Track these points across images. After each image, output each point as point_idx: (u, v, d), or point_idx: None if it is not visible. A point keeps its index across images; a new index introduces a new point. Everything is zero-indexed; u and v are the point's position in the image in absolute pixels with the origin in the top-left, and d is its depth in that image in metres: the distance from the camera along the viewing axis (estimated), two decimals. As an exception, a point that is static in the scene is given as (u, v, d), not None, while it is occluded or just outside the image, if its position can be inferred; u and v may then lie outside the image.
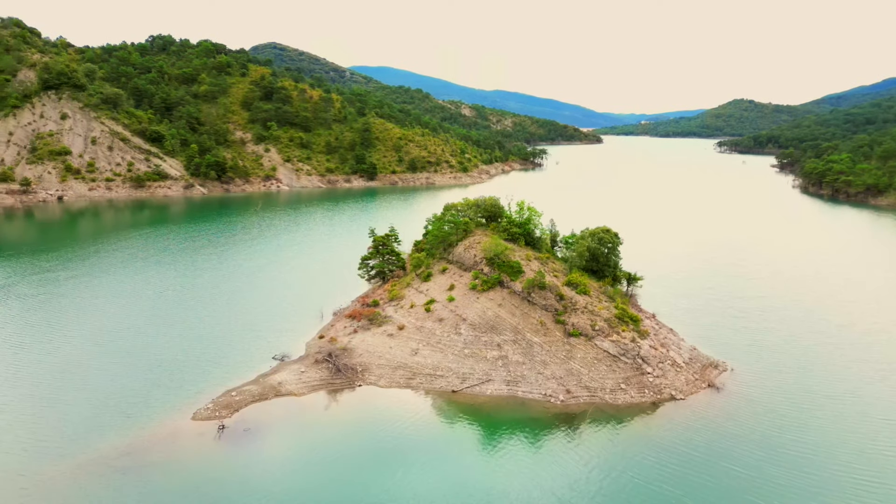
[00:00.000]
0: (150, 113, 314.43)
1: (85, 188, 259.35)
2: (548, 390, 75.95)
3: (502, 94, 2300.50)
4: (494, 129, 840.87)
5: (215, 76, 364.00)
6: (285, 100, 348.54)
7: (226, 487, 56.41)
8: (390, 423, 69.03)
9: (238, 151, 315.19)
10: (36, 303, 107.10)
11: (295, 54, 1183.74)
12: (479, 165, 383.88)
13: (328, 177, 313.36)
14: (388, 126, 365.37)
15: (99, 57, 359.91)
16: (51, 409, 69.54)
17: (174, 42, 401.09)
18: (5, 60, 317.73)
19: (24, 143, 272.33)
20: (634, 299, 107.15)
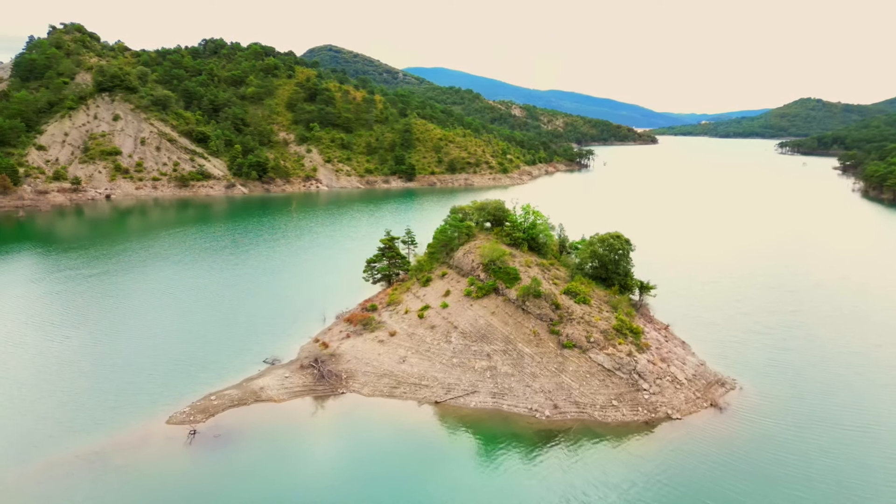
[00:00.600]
0: (199, 114, 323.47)
1: (132, 187, 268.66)
2: (534, 405, 72.48)
3: (557, 94, 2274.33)
4: (545, 129, 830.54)
5: (262, 78, 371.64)
6: (328, 101, 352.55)
7: (184, 494, 55.70)
8: (365, 435, 67.09)
9: (281, 152, 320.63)
10: (47, 301, 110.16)
11: (350, 56, 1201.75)
12: (520, 166, 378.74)
13: (367, 177, 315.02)
14: (430, 127, 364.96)
15: (153, 60, 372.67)
16: (30, 409, 70.25)
17: (225, 45, 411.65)
18: (65, 64, 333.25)
19: (77, 143, 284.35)
20: (646, 309, 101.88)
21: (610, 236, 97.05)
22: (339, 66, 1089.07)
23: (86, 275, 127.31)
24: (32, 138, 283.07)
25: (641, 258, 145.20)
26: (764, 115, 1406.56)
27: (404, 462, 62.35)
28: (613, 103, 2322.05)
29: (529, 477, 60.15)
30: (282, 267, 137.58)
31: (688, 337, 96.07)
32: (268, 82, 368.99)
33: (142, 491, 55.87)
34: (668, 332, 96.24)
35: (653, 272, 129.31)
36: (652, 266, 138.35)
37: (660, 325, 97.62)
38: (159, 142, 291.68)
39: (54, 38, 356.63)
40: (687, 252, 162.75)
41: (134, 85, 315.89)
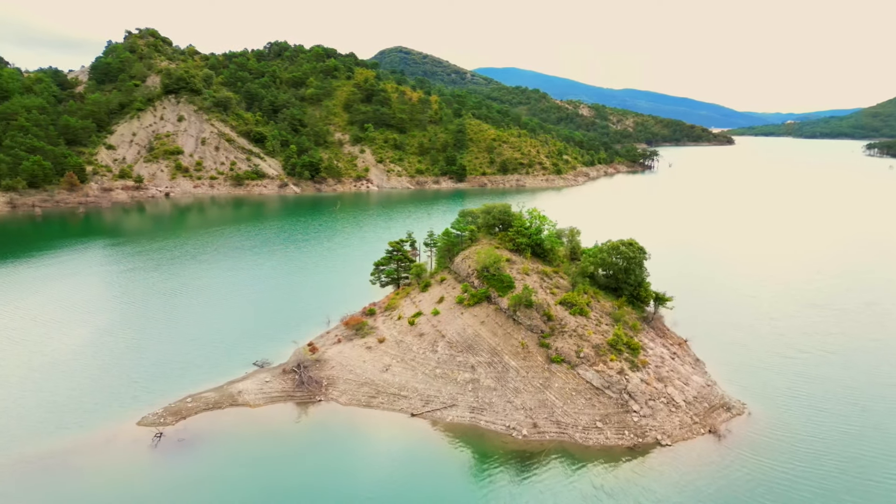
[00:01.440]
0: (259, 115, 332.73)
1: (190, 185, 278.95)
2: (513, 422, 68.60)
3: (631, 93, 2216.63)
4: (613, 129, 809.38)
5: (322, 79, 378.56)
6: (384, 102, 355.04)
7: (129, 498, 55.52)
8: (330, 447, 65.03)
9: (335, 152, 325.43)
10: (65, 295, 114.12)
11: (419, 58, 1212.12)
12: (577, 167, 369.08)
13: (417, 178, 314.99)
14: (484, 127, 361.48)
15: (220, 63, 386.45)
16: (10, 408, 71.56)
17: (289, 48, 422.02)
18: (137, 67, 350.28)
19: (143, 143, 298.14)
20: (661, 322, 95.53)
21: (621, 243, 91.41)
22: (407, 67, 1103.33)
23: (114, 271, 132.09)
24: (103, 138, 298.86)
25: (681, 267, 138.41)
26: (855, 114, 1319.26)
27: (364, 477, 59.96)
28: (692, 102, 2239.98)
29: (491, 499, 56.64)
30: (303, 267, 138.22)
31: (707, 355, 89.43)
32: (327, 84, 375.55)
33: (87, 492, 56.01)
34: (684, 348, 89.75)
35: (690, 283, 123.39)
36: (690, 276, 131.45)
37: (675, 340, 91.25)
38: (218, 142, 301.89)
39: (129, 43, 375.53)
40: (733, 261, 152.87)
41: (198, 87, 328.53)
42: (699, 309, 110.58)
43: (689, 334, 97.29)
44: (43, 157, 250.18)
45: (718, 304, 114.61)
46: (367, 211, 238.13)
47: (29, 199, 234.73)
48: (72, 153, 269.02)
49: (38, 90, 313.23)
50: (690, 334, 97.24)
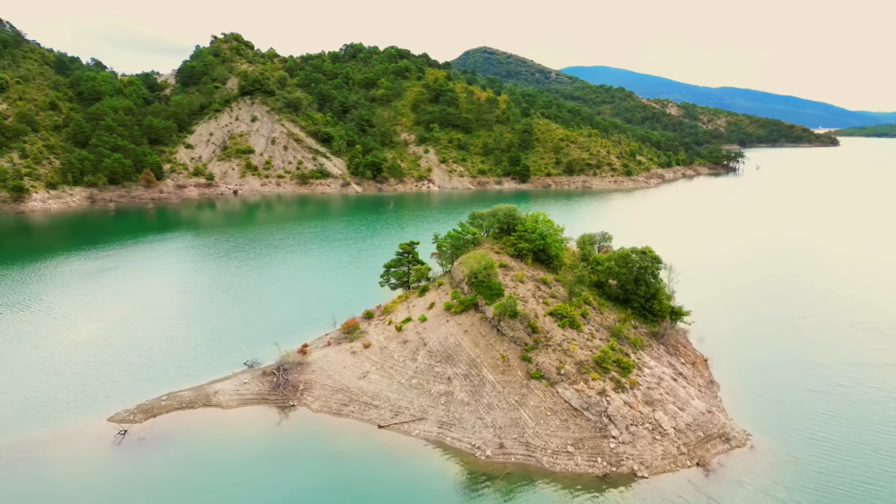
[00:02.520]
0: (329, 115, 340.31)
1: (258, 183, 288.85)
2: (479, 441, 64.35)
3: (730, 91, 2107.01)
4: (703, 129, 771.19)
5: (393, 80, 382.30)
6: (451, 102, 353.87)
7: (74, 492, 56.00)
8: (286, 455, 63.01)
9: (400, 152, 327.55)
10: (85, 285, 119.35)
11: (503, 57, 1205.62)
12: (650, 169, 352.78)
13: (479, 178, 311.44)
14: (552, 126, 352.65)
15: (297, 65, 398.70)
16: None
17: (363, 49, 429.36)
18: (219, 70, 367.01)
19: (219, 142, 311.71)
20: (679, 336, 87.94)
21: (633, 251, 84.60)
22: (491, 67, 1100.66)
23: (142, 266, 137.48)
24: (183, 137, 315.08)
25: (731, 279, 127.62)
26: None
27: (307, 489, 57.84)
28: (796, 101, 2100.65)
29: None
30: (329, 267, 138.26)
31: (727, 377, 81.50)
32: (397, 84, 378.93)
33: (35, 484, 56.86)
34: (698, 367, 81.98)
35: (738, 296, 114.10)
36: (740, 289, 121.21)
37: (691, 359, 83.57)
38: (287, 141, 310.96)
39: (214, 47, 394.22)
40: (796, 273, 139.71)
41: (272, 88, 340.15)
42: (738, 325, 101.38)
43: (716, 353, 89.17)
44: (124, 155, 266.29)
45: (761, 321, 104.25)
46: (419, 211, 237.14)
47: (107, 195, 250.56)
48: (152, 152, 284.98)
49: (128, 92, 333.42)
50: (717, 353, 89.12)
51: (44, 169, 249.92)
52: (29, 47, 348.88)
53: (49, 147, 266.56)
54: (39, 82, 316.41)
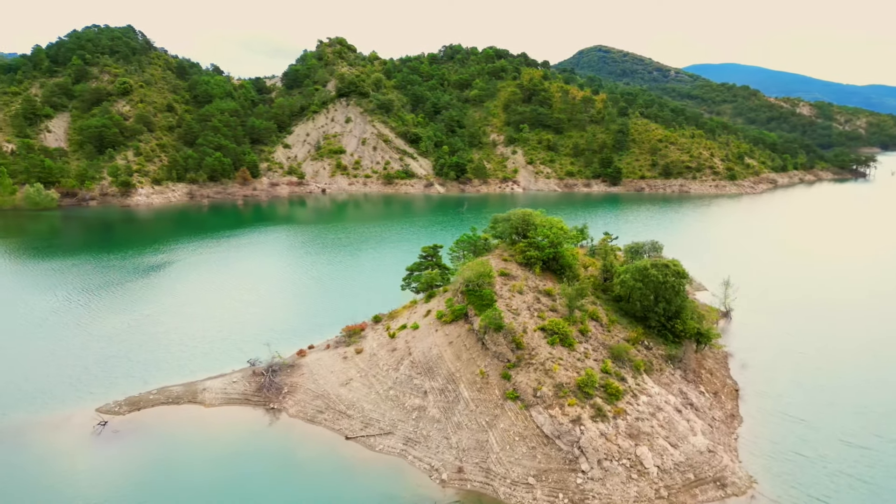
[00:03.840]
0: (421, 116, 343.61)
1: (346, 182, 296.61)
2: (439, 462, 60.07)
3: (878, 90, 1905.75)
4: (838, 130, 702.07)
5: (487, 81, 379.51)
6: (543, 102, 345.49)
7: (36, 480, 57.95)
8: (249, 461, 61.83)
9: (488, 153, 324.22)
10: (135, 279, 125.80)
11: (619, 56, 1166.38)
12: (760, 173, 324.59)
13: (566, 180, 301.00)
14: (651, 127, 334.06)
15: (396, 67, 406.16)
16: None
17: (461, 50, 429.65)
18: (320, 73, 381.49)
19: (313, 142, 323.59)
20: (723, 360, 78.36)
21: (652, 264, 76.17)
22: (605, 66, 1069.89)
23: (197, 262, 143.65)
24: (282, 138, 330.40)
25: (818, 304, 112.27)
26: None
27: (261, 495, 56.29)
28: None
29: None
30: (372, 266, 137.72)
31: (757, 415, 71.16)
32: (491, 85, 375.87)
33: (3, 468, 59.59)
34: (722, 399, 72.56)
35: (816, 321, 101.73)
36: (821, 314, 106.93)
37: (715, 388, 74.14)
38: (376, 142, 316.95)
39: (319, 51, 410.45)
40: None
41: (366, 90, 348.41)
42: (796, 354, 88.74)
43: (755, 384, 78.71)
44: (224, 154, 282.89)
45: (825, 353, 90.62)
46: (493, 213, 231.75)
47: (206, 191, 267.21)
48: (250, 151, 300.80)
49: (237, 95, 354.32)
50: (757, 384, 78.65)
51: (153, 166, 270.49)
52: (155, 54, 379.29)
53: (161, 146, 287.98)
54: (160, 86, 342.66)
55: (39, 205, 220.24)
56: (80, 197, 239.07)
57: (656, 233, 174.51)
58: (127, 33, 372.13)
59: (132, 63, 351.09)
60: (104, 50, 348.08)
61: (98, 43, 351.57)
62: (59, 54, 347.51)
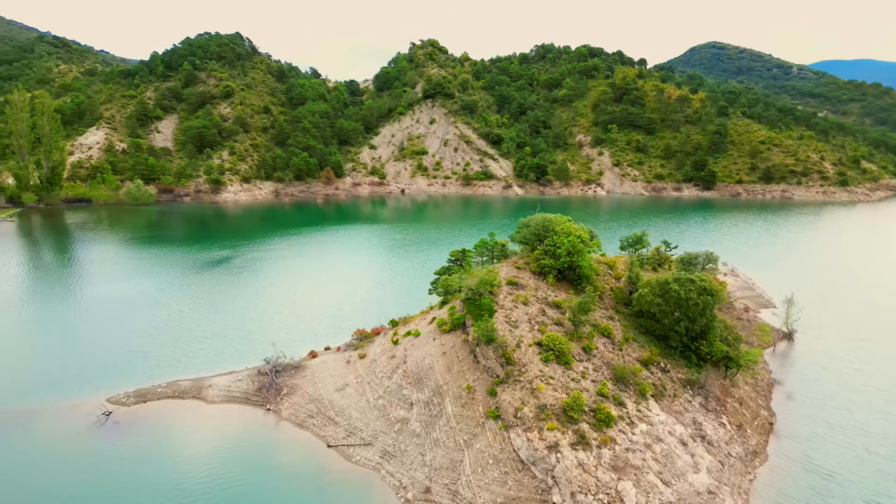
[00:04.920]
0: (506, 117, 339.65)
1: (425, 183, 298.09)
2: (409, 479, 57.07)
3: None
4: None
5: (577, 80, 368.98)
6: (635, 101, 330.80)
7: (27, 466, 60.66)
8: (227, 461, 61.62)
9: (573, 154, 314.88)
10: (189, 274, 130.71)
11: (734, 53, 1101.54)
12: (880, 178, 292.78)
13: (654, 184, 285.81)
14: (753, 128, 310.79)
15: (485, 68, 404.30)
16: (25, 363, 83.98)
17: (552, 49, 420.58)
18: (409, 75, 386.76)
19: (398, 143, 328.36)
20: (765, 388, 69.87)
21: (675, 279, 68.96)
22: (719, 63, 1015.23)
23: (256, 258, 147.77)
24: (369, 139, 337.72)
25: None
26: None
27: (228, 497, 55.95)
28: None
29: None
30: (414, 268, 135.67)
31: (789, 454, 62.59)
32: (581, 84, 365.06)
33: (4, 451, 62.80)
34: (747, 433, 64.56)
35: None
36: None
37: (741, 420, 66.11)
38: (458, 143, 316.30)
39: (410, 53, 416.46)
40: None
41: (452, 91, 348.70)
42: (861, 387, 77.74)
43: (800, 419, 69.47)
44: (311, 154, 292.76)
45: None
46: (575, 217, 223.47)
47: (290, 189, 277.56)
48: (337, 151, 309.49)
49: (330, 98, 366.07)
50: (801, 419, 69.38)
51: (245, 165, 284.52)
52: (259, 59, 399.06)
53: (254, 146, 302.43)
54: (260, 89, 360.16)
55: (139, 200, 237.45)
56: (176, 193, 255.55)
57: (740, 242, 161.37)
58: (234, 39, 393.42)
59: (236, 68, 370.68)
60: (212, 56, 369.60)
61: (207, 49, 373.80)
62: (173, 60, 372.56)
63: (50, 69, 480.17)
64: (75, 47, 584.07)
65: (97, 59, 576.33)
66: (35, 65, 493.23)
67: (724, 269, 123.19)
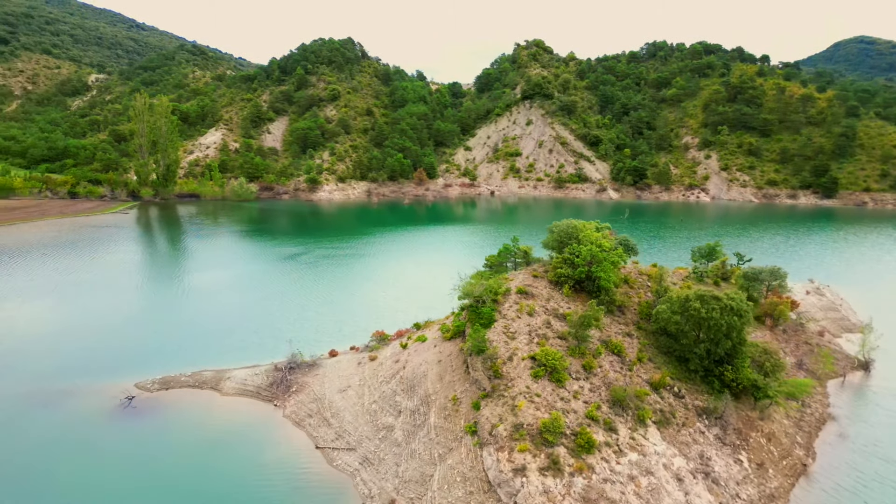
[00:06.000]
0: (608, 118, 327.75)
1: (516, 185, 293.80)
2: (378, 490, 55.45)
3: None
4: None
5: (688, 79, 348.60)
6: (750, 101, 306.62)
7: (42, 445, 65.43)
8: (216, 454, 62.87)
9: (677, 157, 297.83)
10: (254, 267, 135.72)
11: (885, 47, 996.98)
12: None
13: (766, 190, 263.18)
14: (888, 130, 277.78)
15: (591, 68, 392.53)
16: (72, 345, 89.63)
17: (664, 47, 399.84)
18: (511, 76, 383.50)
19: (492, 145, 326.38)
20: (815, 422, 61.72)
21: (697, 296, 62.15)
22: (868, 59, 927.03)
23: (325, 255, 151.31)
24: (464, 140, 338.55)
25: None
26: None
27: (206, 491, 57.23)
28: None
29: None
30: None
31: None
32: (693, 83, 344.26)
33: (27, 427, 67.81)
34: (769, 472, 57.18)
35: None
36: None
37: (764, 458, 58.63)
38: (553, 145, 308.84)
39: (514, 54, 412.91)
40: None
41: (550, 92, 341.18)
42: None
43: (840, 466, 60.46)
44: (405, 155, 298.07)
45: None
46: (660, 223, 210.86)
47: (382, 190, 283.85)
48: (431, 153, 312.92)
49: (430, 100, 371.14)
50: (840, 466, 60.36)
51: (342, 165, 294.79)
52: (367, 63, 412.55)
53: (353, 147, 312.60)
54: (365, 92, 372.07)
55: (241, 196, 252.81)
56: (276, 191, 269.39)
57: (843, 257, 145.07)
58: (345, 45, 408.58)
59: (344, 71, 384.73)
60: (323, 60, 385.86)
61: (319, 54, 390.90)
62: (288, 65, 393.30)
63: (186, 75, 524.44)
64: (211, 54, 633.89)
65: (229, 66, 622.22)
66: (174, 71, 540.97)
67: (809, 286, 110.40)
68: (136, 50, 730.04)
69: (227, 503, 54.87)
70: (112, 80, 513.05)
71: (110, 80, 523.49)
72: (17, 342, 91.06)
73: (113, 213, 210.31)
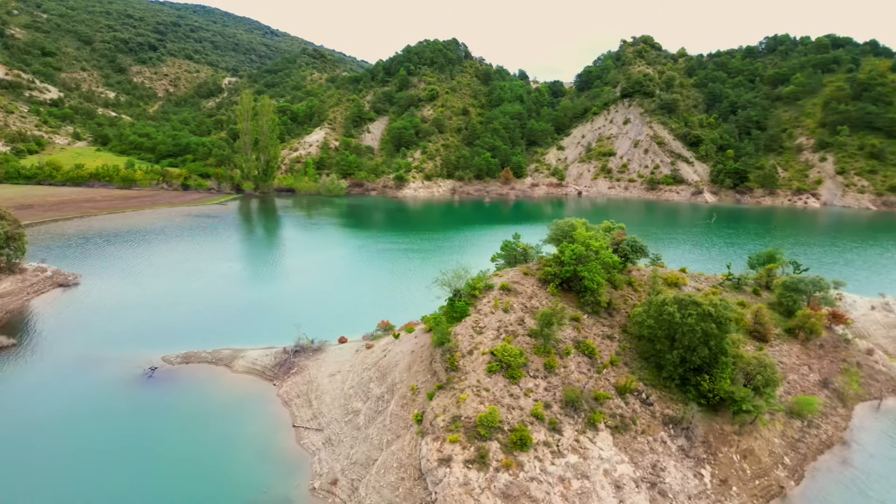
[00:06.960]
0: (714, 117, 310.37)
1: (606, 186, 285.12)
2: (327, 469, 57.54)
3: None
4: None
5: (809, 75, 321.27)
6: (878, 98, 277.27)
7: (65, 409, 73.15)
8: (202, 427, 67.60)
9: (788, 159, 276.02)
10: (317, 257, 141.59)
11: None
12: None
13: (886, 197, 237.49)
14: None
15: (701, 64, 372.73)
16: (133, 318, 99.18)
17: (786, 41, 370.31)
18: (612, 74, 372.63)
19: (586, 144, 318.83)
20: (819, 443, 57.21)
21: (674, 299, 58.80)
22: None
23: (378, 248, 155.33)
24: (558, 140, 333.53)
25: None
26: None
27: (179, 465, 61.82)
28: None
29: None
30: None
31: None
32: (814, 80, 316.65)
33: (54, 390, 76.28)
34: (733, 489, 53.41)
35: None
36: None
37: (742, 476, 54.90)
38: (649, 144, 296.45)
39: (619, 51, 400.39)
40: None
41: (651, 90, 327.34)
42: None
43: (832, 493, 55.21)
44: (493, 154, 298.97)
45: None
46: (751, 229, 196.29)
47: (467, 188, 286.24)
48: (520, 153, 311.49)
49: (527, 99, 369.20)
50: (833, 494, 55.09)
51: (431, 163, 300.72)
52: (468, 63, 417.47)
53: (445, 146, 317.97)
54: (463, 92, 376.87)
55: (332, 192, 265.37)
56: (365, 187, 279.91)
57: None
58: (448, 45, 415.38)
59: (445, 71, 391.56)
60: (425, 61, 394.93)
61: (422, 55, 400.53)
62: (392, 66, 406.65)
63: (304, 77, 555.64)
64: (329, 57, 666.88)
65: (345, 68, 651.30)
66: (293, 73, 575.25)
67: (877, 301, 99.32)
68: (268, 55, 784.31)
69: (189, 467, 58.97)
70: (241, 83, 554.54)
71: (240, 82, 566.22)
72: (88, 314, 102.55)
73: (213, 205, 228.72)
